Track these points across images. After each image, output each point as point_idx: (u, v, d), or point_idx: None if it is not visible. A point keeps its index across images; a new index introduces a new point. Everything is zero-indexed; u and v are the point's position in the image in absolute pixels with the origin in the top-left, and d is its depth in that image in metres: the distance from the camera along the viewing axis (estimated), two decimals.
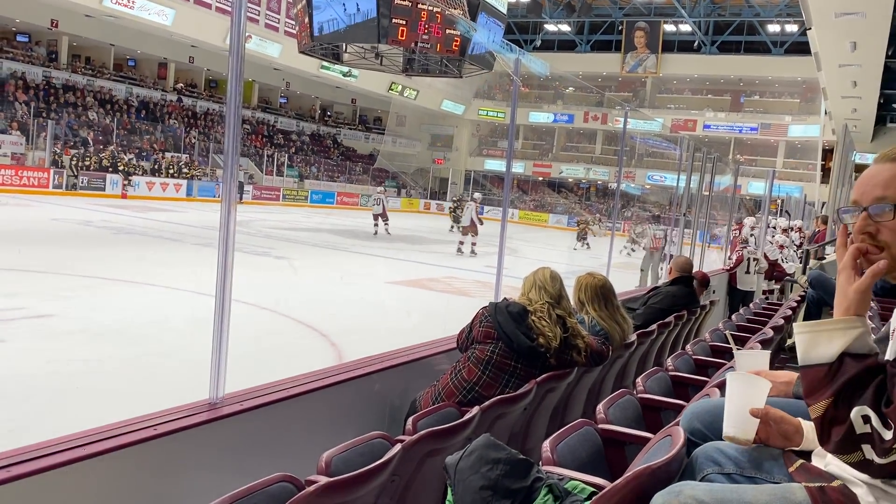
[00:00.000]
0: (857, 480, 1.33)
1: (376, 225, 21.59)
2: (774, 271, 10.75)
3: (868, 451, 1.18)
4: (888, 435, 1.15)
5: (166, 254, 13.35)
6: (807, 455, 1.52)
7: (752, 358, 2.09)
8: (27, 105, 25.45)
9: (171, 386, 4.92)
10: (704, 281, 6.10)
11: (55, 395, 5.01)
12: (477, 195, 20.29)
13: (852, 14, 11.88)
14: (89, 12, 25.70)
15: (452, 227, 23.46)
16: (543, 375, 2.94)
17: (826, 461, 1.44)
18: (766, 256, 10.37)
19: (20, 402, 4.77)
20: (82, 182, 24.43)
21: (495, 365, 2.96)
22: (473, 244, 17.75)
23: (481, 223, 17.99)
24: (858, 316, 1.26)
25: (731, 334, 2.98)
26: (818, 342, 1.26)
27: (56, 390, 5.12)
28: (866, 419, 1.17)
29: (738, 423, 1.51)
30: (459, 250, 17.81)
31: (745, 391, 1.53)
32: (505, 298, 3.20)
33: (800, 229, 14.26)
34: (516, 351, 2.95)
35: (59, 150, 24.65)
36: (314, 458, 1.99)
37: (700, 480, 1.52)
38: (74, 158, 24.41)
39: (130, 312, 7.83)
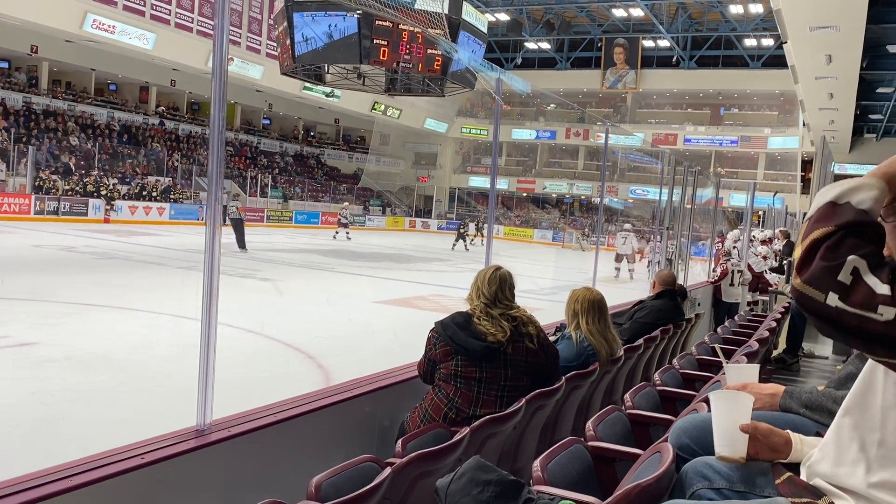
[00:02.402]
0: (843, 495, 1.34)
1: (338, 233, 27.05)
2: (759, 283, 10.83)
3: (832, 299, 1.13)
4: (882, 288, 1.10)
5: (150, 278, 13.25)
6: (795, 467, 1.53)
7: (742, 371, 2.12)
8: (7, 131, 25.29)
9: (158, 413, 4.87)
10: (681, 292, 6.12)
11: (39, 425, 4.94)
12: (627, 225, 22.07)
13: (827, 27, 12.09)
14: (69, 37, 25.66)
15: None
16: (532, 393, 2.95)
17: (809, 473, 1.45)
18: (750, 269, 10.46)
19: (3, 433, 4.71)
20: (64, 207, 24.28)
21: (462, 376, 3.02)
22: (631, 269, 19.48)
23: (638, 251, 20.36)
24: (880, 178, 1.22)
25: (720, 347, 3.00)
26: (856, 191, 1.20)
27: (40, 420, 5.05)
28: (855, 272, 1.11)
29: (729, 441, 1.52)
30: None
31: (730, 409, 1.55)
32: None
33: (770, 240, 14.31)
34: (474, 357, 3.01)
35: (45, 178, 24.56)
36: (304, 484, 1.98)
37: (690, 496, 1.53)
38: (54, 188, 24.35)
39: (115, 338, 7.75)
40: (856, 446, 1.33)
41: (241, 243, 18.90)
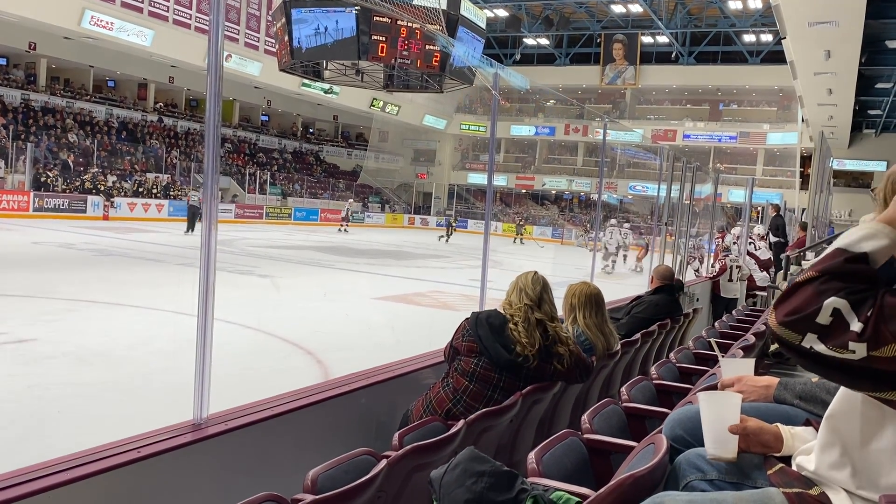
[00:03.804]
0: (836, 487, 1.35)
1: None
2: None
3: (810, 340, 1.17)
4: (856, 325, 1.13)
5: (149, 275, 13.26)
6: (787, 458, 1.53)
7: (737, 365, 2.12)
8: (6, 128, 25.27)
9: (156, 408, 4.87)
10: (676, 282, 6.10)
11: (37, 421, 4.95)
12: (613, 221, 22.58)
13: (825, 23, 12.07)
14: (67, 34, 25.62)
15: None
16: (529, 387, 2.94)
17: (799, 468, 1.46)
18: (752, 279, 10.51)
19: (1, 428, 4.71)
20: (63, 204, 24.28)
21: (479, 377, 2.97)
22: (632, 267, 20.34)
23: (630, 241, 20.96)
24: (887, 225, 1.22)
25: (716, 342, 3.00)
26: (867, 240, 1.22)
27: (38, 416, 5.06)
28: (835, 312, 1.15)
29: (719, 441, 1.53)
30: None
31: (718, 409, 1.55)
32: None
33: (762, 237, 14.28)
34: (497, 364, 2.96)
35: (50, 175, 24.65)
36: (301, 477, 1.98)
37: (683, 487, 1.54)
38: (55, 184, 24.46)
39: (114, 335, 7.75)
40: (838, 450, 1.35)
41: (191, 227, 22.29)
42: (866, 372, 1.14)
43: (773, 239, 13.14)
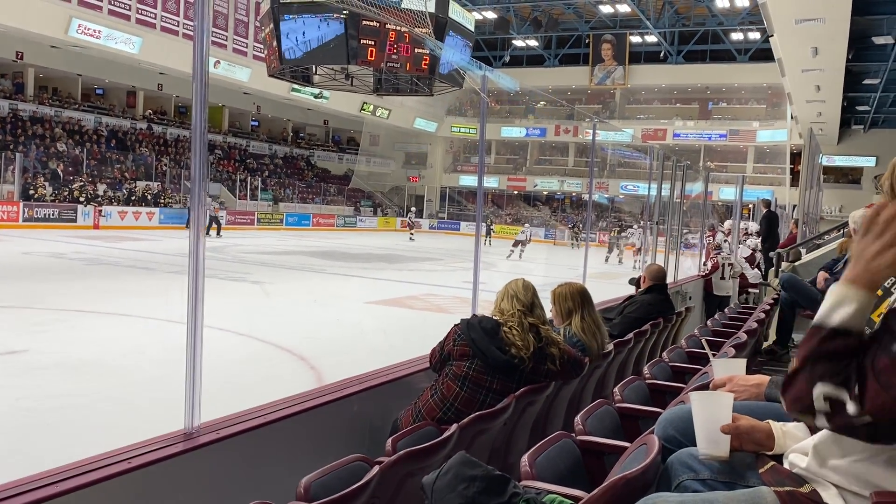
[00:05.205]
0: (827, 483, 1.35)
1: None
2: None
3: (820, 421, 1.21)
4: (851, 407, 1.16)
5: (140, 283, 13.19)
6: (779, 456, 1.53)
7: (729, 365, 2.12)
8: None
9: (148, 418, 4.83)
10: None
11: (27, 433, 4.90)
12: (643, 222, 23.34)
13: (812, 20, 12.13)
14: (55, 43, 25.51)
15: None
16: (522, 389, 2.94)
17: (791, 465, 1.46)
18: (744, 277, 10.54)
19: None
20: (53, 214, 24.17)
21: (472, 380, 2.95)
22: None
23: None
24: (862, 288, 1.21)
25: (707, 340, 3.01)
26: (835, 310, 1.22)
27: (28, 427, 5.02)
28: (827, 398, 1.19)
29: (711, 440, 1.53)
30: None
31: (710, 409, 1.55)
32: (474, 315, 3.21)
33: (749, 234, 14.28)
34: (492, 366, 2.95)
35: (42, 185, 24.59)
36: (294, 485, 1.97)
37: (675, 487, 1.53)
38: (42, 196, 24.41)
39: (105, 344, 7.71)
40: (837, 449, 1.35)
41: (207, 231, 23.82)
42: (878, 429, 1.17)
43: (752, 243, 13.13)
